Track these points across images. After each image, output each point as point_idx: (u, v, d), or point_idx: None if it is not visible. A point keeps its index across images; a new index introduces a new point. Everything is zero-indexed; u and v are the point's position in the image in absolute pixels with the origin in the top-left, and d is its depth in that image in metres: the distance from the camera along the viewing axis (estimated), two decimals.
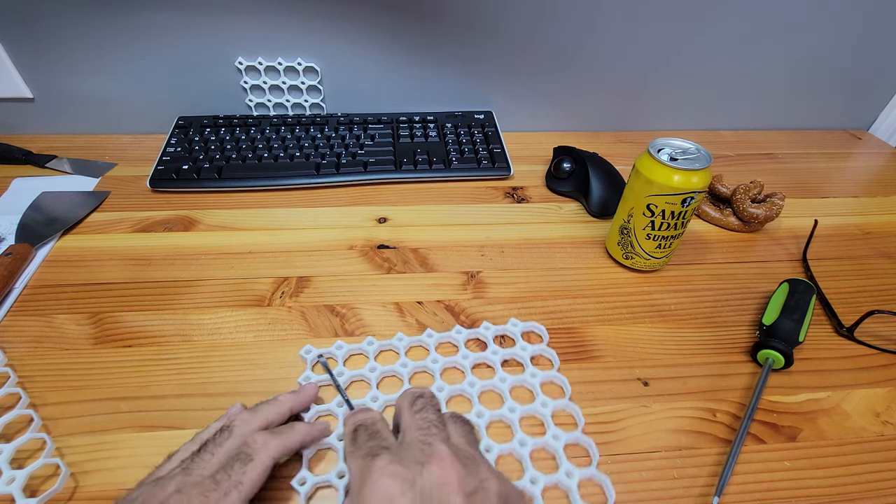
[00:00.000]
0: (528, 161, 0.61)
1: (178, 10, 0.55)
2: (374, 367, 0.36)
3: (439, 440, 0.25)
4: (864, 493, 0.31)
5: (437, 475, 0.22)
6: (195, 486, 0.24)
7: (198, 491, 0.24)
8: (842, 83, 0.68)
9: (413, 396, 0.28)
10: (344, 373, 0.36)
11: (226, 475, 0.25)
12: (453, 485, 0.22)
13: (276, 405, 0.31)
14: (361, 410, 0.29)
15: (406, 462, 0.23)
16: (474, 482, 0.22)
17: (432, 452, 0.23)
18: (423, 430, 0.25)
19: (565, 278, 0.45)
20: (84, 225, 0.49)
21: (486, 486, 0.22)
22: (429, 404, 0.27)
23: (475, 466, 0.24)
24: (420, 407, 0.27)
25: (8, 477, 0.29)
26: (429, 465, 0.23)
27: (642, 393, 0.36)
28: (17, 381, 0.35)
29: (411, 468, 0.23)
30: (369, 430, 0.26)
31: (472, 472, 0.23)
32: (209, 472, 0.26)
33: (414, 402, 0.27)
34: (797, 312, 0.39)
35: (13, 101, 0.60)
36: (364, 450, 0.25)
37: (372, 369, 0.36)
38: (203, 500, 0.24)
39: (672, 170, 0.39)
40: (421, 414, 0.26)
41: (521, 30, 0.59)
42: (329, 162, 0.56)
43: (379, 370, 0.36)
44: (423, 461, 0.23)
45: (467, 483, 0.22)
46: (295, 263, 0.46)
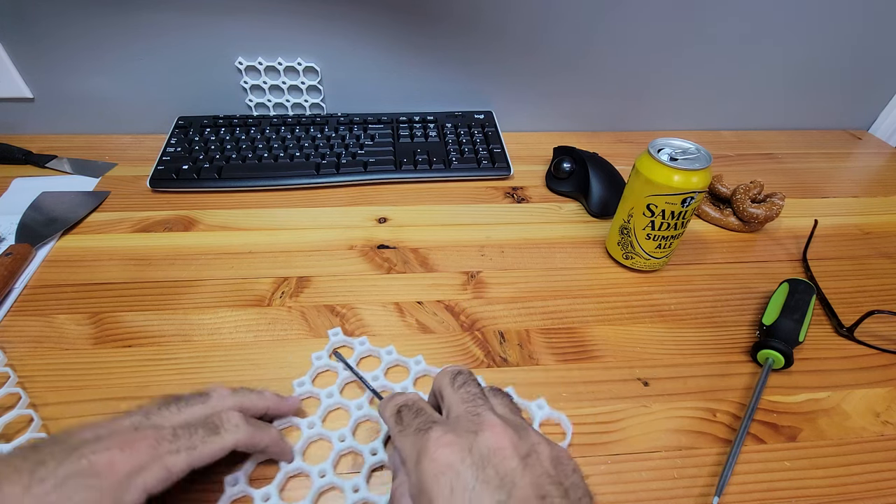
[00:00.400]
0: (528, 161, 0.61)
1: (178, 10, 0.55)
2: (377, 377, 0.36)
3: (486, 410, 0.25)
4: (864, 493, 0.31)
5: (492, 441, 0.23)
6: (150, 429, 0.24)
7: (152, 434, 0.24)
8: (842, 83, 0.68)
9: (452, 374, 0.28)
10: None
11: (186, 433, 0.25)
12: (508, 449, 0.22)
13: (258, 396, 0.31)
14: (398, 394, 0.29)
15: (459, 432, 0.23)
16: (527, 446, 0.23)
17: (482, 421, 0.24)
18: (469, 403, 0.26)
19: (565, 278, 0.45)
20: (84, 225, 0.49)
21: (539, 450, 0.23)
22: (469, 379, 0.27)
23: (525, 432, 0.24)
24: (462, 382, 0.27)
25: None
26: (481, 432, 0.23)
27: (642, 393, 0.36)
28: (17, 381, 0.35)
29: (465, 437, 0.23)
30: (412, 408, 0.27)
31: (523, 437, 0.23)
32: (169, 423, 0.26)
33: (455, 379, 0.27)
34: (797, 312, 0.39)
35: (13, 101, 0.60)
36: (413, 426, 0.25)
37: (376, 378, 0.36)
38: (153, 444, 0.24)
39: (672, 170, 0.39)
40: (464, 388, 0.27)
41: (522, 30, 0.59)
42: (329, 162, 0.56)
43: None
44: (476, 430, 0.23)
45: (521, 447, 0.23)
46: (295, 263, 0.46)
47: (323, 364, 0.37)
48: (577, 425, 0.34)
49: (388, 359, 0.37)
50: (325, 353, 0.37)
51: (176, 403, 0.27)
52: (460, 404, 0.26)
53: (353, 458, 0.31)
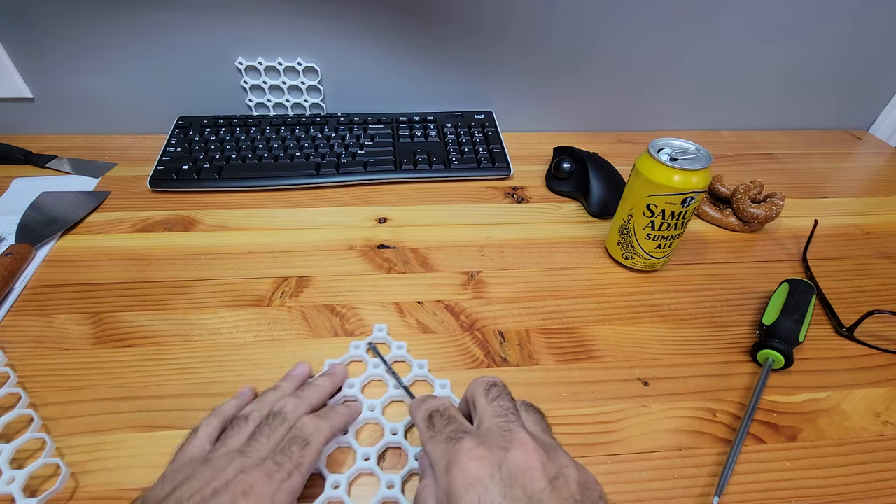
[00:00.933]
0: (528, 161, 0.61)
1: (178, 10, 0.55)
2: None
3: (518, 427, 0.25)
4: (864, 493, 0.31)
5: (522, 460, 0.23)
6: (257, 467, 0.26)
7: (260, 471, 0.25)
8: (842, 83, 0.68)
9: (487, 384, 0.28)
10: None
11: (286, 457, 0.27)
12: (537, 469, 0.22)
13: (318, 391, 0.33)
14: (429, 397, 0.29)
15: (490, 446, 0.24)
16: (555, 468, 0.23)
17: (513, 438, 0.24)
18: (501, 417, 0.26)
19: (565, 278, 0.45)
20: (84, 225, 0.49)
21: (567, 473, 0.23)
22: (503, 392, 0.27)
23: (555, 453, 0.24)
24: (496, 395, 0.27)
25: (8, 477, 0.29)
26: (512, 449, 0.23)
27: (642, 393, 0.36)
28: (17, 381, 0.35)
29: (496, 452, 0.23)
30: (444, 415, 0.27)
31: (552, 458, 0.23)
32: (266, 454, 0.27)
33: (489, 390, 0.27)
34: (797, 312, 0.39)
35: (13, 101, 0.60)
36: (445, 434, 0.25)
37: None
38: (267, 480, 0.25)
39: (672, 170, 0.39)
40: (497, 402, 0.27)
41: (522, 30, 0.59)
42: (329, 162, 0.56)
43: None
44: (507, 446, 0.23)
45: (549, 468, 0.23)
46: (295, 263, 0.46)
47: (357, 354, 0.37)
48: (577, 425, 0.34)
49: (417, 372, 0.37)
50: (363, 343, 0.38)
51: (262, 432, 0.28)
52: (493, 417, 0.26)
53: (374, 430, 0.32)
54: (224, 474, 0.25)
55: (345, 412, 0.32)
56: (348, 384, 0.35)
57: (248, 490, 0.24)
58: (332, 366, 0.36)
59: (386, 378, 0.36)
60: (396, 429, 0.33)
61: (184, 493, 0.24)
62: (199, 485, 0.24)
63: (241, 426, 0.29)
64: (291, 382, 0.34)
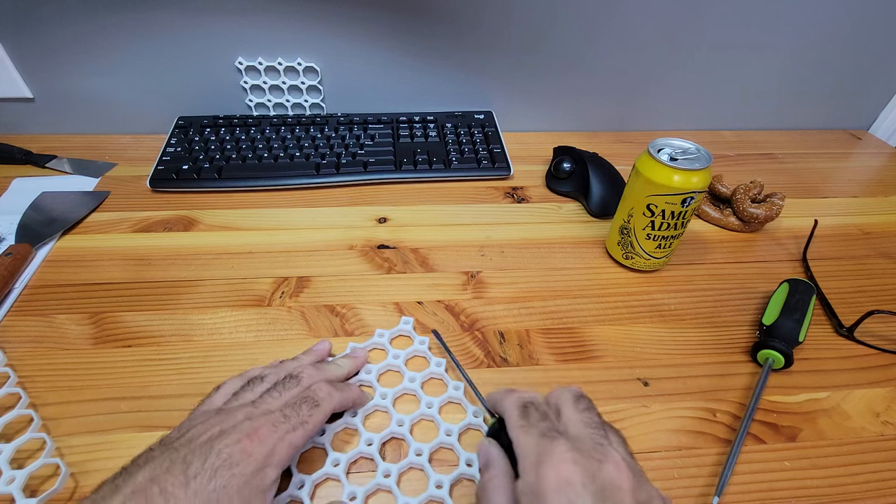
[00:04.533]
0: (528, 161, 0.61)
1: (178, 10, 0.55)
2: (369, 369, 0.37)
3: (609, 444, 0.25)
4: (864, 493, 0.31)
5: (615, 476, 0.23)
6: (264, 416, 0.27)
7: (267, 419, 0.27)
8: (842, 83, 0.68)
9: (576, 395, 0.28)
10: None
11: (294, 412, 0.28)
12: (628, 491, 0.22)
13: (339, 368, 0.34)
14: (519, 390, 0.29)
15: (584, 454, 0.23)
16: (644, 495, 0.23)
17: (606, 454, 0.24)
18: (592, 429, 0.25)
19: (565, 278, 0.45)
20: (84, 225, 0.49)
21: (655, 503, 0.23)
22: (592, 407, 0.27)
23: (643, 480, 0.24)
24: (585, 407, 0.27)
25: (8, 477, 0.29)
26: (606, 464, 0.23)
27: (642, 393, 0.36)
28: (17, 381, 0.35)
29: (590, 461, 0.23)
30: (539, 409, 0.27)
31: (642, 485, 0.23)
32: (275, 408, 0.28)
33: (577, 401, 0.27)
34: (797, 312, 0.39)
35: (13, 101, 0.60)
36: (539, 428, 0.25)
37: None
38: (272, 428, 0.27)
39: (672, 170, 0.39)
40: (587, 414, 0.27)
41: (522, 30, 0.59)
42: (329, 162, 0.56)
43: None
44: (601, 459, 0.23)
45: (639, 494, 0.23)
46: (295, 263, 0.46)
47: (380, 342, 0.38)
48: None
49: (434, 370, 0.37)
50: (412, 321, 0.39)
51: (276, 389, 0.30)
52: (582, 427, 0.26)
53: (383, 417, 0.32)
54: (232, 418, 0.27)
55: (357, 391, 0.34)
56: (366, 370, 0.36)
57: (253, 433, 0.26)
58: (355, 349, 0.37)
59: (403, 370, 0.36)
60: (403, 420, 0.33)
61: (194, 434, 0.26)
62: (210, 426, 0.26)
63: (257, 385, 0.31)
64: (311, 356, 0.36)
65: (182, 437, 0.26)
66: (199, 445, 0.25)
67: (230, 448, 0.25)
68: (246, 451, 0.25)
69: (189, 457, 0.24)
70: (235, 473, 0.24)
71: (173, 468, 0.24)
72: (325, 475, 0.30)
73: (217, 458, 0.24)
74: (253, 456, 0.25)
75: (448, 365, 0.37)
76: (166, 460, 0.24)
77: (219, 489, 0.24)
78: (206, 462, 0.24)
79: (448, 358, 0.37)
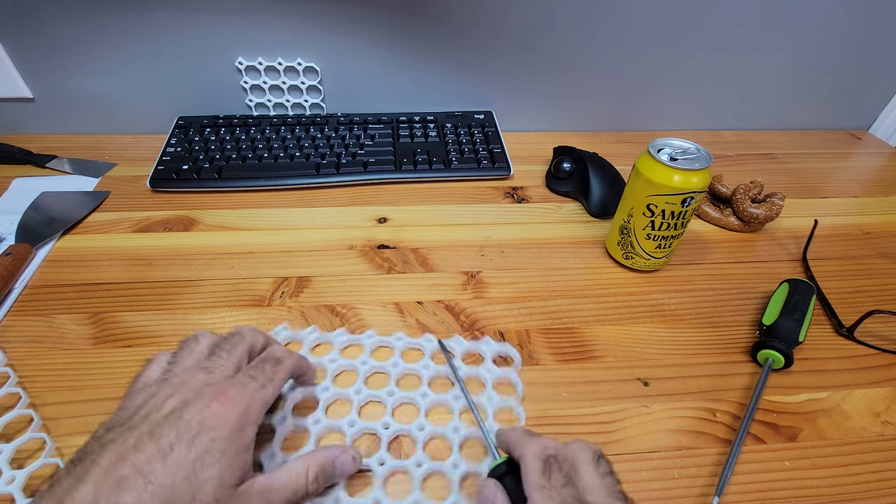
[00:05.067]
0: (528, 161, 0.61)
1: (178, 10, 0.55)
2: (365, 361, 0.37)
3: None
4: (864, 493, 0.31)
5: None
6: (228, 380, 0.27)
7: (233, 382, 0.26)
8: (842, 83, 0.68)
9: (595, 454, 0.26)
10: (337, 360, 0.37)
11: (259, 371, 0.28)
12: None
13: (275, 336, 0.35)
14: (541, 438, 0.27)
15: None
16: None
17: None
18: (614, 499, 0.24)
19: (565, 278, 0.45)
20: (84, 225, 0.49)
21: None
22: (613, 472, 0.26)
23: None
24: (606, 471, 0.25)
25: (8, 477, 0.29)
26: None
27: (642, 393, 0.36)
28: (17, 381, 0.35)
29: None
30: (563, 470, 0.25)
31: None
32: (233, 369, 0.28)
33: (598, 462, 0.25)
34: (797, 312, 0.39)
35: (13, 101, 0.60)
36: (562, 495, 0.23)
37: (364, 362, 0.37)
38: (241, 388, 0.26)
39: (672, 170, 0.39)
40: (609, 479, 0.25)
41: (522, 30, 0.59)
42: (329, 162, 0.56)
43: (371, 364, 0.37)
44: None
45: None
46: (295, 263, 0.46)
47: (357, 340, 0.38)
48: (577, 425, 0.34)
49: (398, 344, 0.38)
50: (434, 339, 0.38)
51: (220, 350, 0.28)
52: (606, 496, 0.24)
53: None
54: (189, 386, 0.26)
55: (308, 361, 0.33)
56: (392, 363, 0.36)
57: (221, 394, 0.25)
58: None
59: (358, 369, 0.36)
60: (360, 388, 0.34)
61: (151, 409, 0.25)
62: (164, 397, 0.25)
63: (192, 346, 0.29)
64: None
65: (136, 415, 0.24)
66: (164, 417, 0.24)
67: (201, 413, 0.24)
68: (219, 415, 0.24)
69: (156, 430, 0.23)
70: (215, 437, 0.24)
71: (141, 445, 0.22)
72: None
73: (189, 427, 0.24)
74: (228, 417, 0.25)
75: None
76: (130, 438, 0.23)
77: (201, 455, 0.23)
78: (178, 432, 0.23)
79: (458, 386, 0.35)
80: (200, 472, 0.23)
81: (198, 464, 0.23)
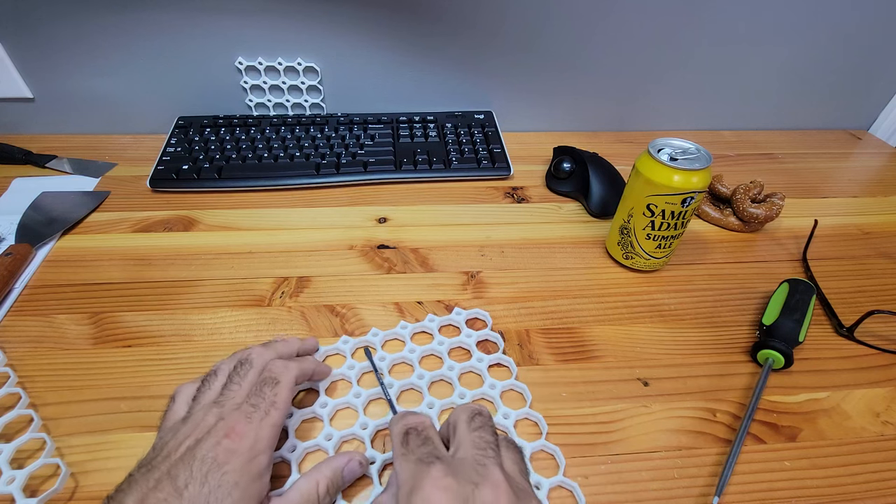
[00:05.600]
0: (528, 161, 0.61)
1: (178, 10, 0.55)
2: (383, 357, 0.37)
3: (494, 464, 0.24)
4: (864, 493, 0.31)
5: (490, 500, 0.22)
6: (235, 411, 0.27)
7: (239, 414, 0.27)
8: (842, 83, 0.68)
9: (472, 412, 0.27)
10: (385, 357, 0.37)
11: (260, 398, 0.28)
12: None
13: (287, 344, 0.34)
14: (410, 414, 0.29)
15: (460, 479, 0.23)
16: None
17: (487, 475, 0.23)
18: (479, 450, 0.25)
19: (565, 278, 0.45)
20: (84, 225, 0.49)
21: None
22: (487, 424, 0.27)
23: (527, 499, 0.23)
24: (478, 425, 0.26)
25: (8, 477, 0.29)
26: (482, 486, 0.23)
27: (642, 393, 0.36)
28: (17, 381, 0.35)
29: (464, 486, 0.23)
30: (421, 435, 0.26)
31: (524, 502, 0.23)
32: (241, 399, 0.28)
33: (472, 419, 0.27)
34: (797, 312, 0.39)
35: (13, 101, 0.60)
36: (416, 454, 0.25)
37: (381, 358, 0.37)
38: (247, 421, 0.27)
39: (672, 170, 0.39)
40: (478, 432, 0.26)
41: (521, 30, 0.59)
42: (329, 162, 0.56)
43: (388, 358, 0.37)
44: (478, 482, 0.23)
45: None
46: (295, 263, 0.46)
47: (349, 346, 0.38)
48: (577, 425, 0.34)
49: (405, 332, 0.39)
50: (358, 341, 0.38)
51: (233, 380, 0.29)
52: (470, 447, 0.25)
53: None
54: (204, 424, 0.27)
55: (314, 361, 0.34)
56: (409, 348, 0.37)
57: (230, 431, 0.26)
58: (308, 337, 0.38)
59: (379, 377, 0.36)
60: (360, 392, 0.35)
61: (170, 449, 0.26)
62: (183, 437, 0.26)
63: (212, 381, 0.30)
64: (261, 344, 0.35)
65: (158, 456, 0.25)
66: (180, 458, 0.25)
67: (213, 451, 0.25)
68: (229, 450, 0.25)
69: (173, 471, 0.24)
70: (227, 471, 0.24)
71: (160, 485, 0.23)
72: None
73: (202, 464, 0.24)
74: (238, 451, 0.25)
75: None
76: (150, 480, 0.24)
77: (213, 490, 0.24)
78: (192, 471, 0.24)
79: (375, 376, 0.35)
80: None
81: (211, 498, 0.24)
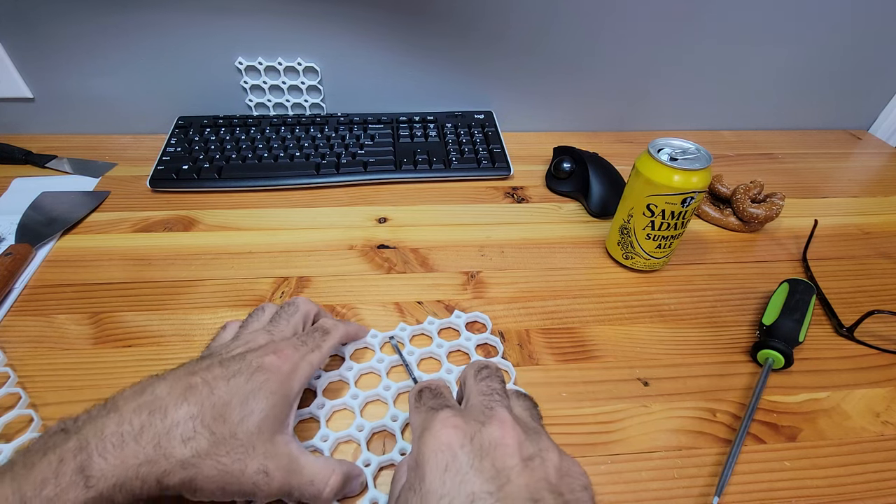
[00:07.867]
0: (528, 161, 0.61)
1: (178, 10, 0.55)
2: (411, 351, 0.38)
3: (501, 406, 0.25)
4: (864, 493, 0.31)
5: (497, 435, 0.23)
6: (285, 341, 0.30)
7: (287, 343, 0.30)
8: (842, 83, 0.68)
9: (479, 366, 0.28)
10: (414, 352, 0.38)
11: (310, 338, 0.31)
12: (512, 446, 0.22)
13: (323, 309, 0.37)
14: (425, 381, 0.30)
15: (467, 419, 0.24)
16: (533, 449, 0.23)
17: (493, 414, 0.24)
18: (486, 396, 0.26)
19: (565, 278, 0.45)
20: (84, 225, 0.49)
21: (545, 456, 0.22)
22: (493, 374, 0.28)
23: (537, 436, 0.24)
24: (485, 376, 0.27)
25: None
26: (489, 424, 0.23)
27: (642, 393, 0.36)
28: (17, 381, 0.35)
29: (472, 424, 0.23)
30: (434, 391, 0.27)
31: (532, 439, 0.23)
32: (289, 334, 0.31)
33: (479, 371, 0.28)
34: (797, 312, 0.39)
35: (13, 101, 0.60)
36: (427, 405, 0.26)
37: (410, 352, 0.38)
38: (294, 349, 0.29)
39: (672, 170, 0.39)
40: (486, 382, 0.27)
41: (522, 30, 0.59)
42: (329, 162, 0.56)
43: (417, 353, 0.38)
44: (484, 421, 0.24)
45: (525, 448, 0.22)
46: (295, 263, 0.46)
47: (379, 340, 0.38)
48: (577, 425, 0.34)
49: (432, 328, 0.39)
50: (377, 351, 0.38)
51: (281, 316, 0.32)
52: (477, 395, 0.26)
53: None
54: (255, 341, 0.30)
55: (356, 325, 0.37)
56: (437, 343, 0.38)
57: (279, 351, 0.29)
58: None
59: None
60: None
61: (221, 351, 0.29)
62: (234, 347, 0.29)
63: (259, 314, 0.33)
64: None
65: (210, 356, 0.28)
66: (231, 356, 0.28)
67: (261, 359, 0.27)
68: (274, 364, 0.28)
69: (224, 361, 0.27)
70: (269, 378, 0.27)
71: (211, 367, 0.26)
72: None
73: (250, 365, 0.27)
74: (281, 368, 0.28)
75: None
76: (203, 362, 0.27)
77: (256, 388, 0.26)
78: (241, 366, 0.27)
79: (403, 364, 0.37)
80: (252, 402, 0.26)
81: (251, 395, 0.26)
